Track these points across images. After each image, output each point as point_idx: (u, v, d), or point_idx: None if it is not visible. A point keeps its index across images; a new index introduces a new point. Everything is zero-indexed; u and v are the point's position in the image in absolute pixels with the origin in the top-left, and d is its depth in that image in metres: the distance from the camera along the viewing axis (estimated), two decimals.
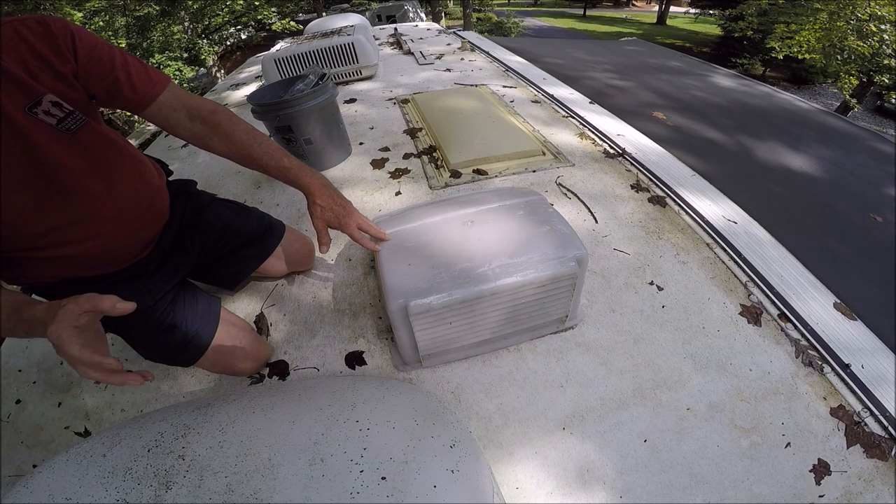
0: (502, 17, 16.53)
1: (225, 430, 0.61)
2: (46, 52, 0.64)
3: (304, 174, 0.86)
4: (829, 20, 6.78)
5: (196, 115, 0.81)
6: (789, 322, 1.09)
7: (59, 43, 0.65)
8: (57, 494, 0.54)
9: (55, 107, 0.65)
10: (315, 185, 0.86)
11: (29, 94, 0.62)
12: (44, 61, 0.64)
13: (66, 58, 0.66)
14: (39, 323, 0.58)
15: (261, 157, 0.84)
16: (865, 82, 7.84)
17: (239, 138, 0.83)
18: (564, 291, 0.94)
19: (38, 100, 0.63)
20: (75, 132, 0.67)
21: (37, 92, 0.63)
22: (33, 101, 0.62)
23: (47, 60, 0.64)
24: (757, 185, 2.00)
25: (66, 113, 0.66)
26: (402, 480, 0.54)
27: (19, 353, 1.22)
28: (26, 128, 0.62)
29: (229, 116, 0.84)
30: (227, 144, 0.83)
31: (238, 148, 0.83)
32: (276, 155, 0.85)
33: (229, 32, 9.77)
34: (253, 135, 0.85)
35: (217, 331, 0.92)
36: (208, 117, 0.81)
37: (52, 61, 0.65)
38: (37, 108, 0.63)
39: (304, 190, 0.86)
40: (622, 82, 3.27)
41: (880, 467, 0.84)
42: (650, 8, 26.89)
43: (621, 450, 0.88)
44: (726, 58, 12.62)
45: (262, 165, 0.84)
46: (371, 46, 2.77)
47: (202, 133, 0.82)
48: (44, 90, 0.63)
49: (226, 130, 0.82)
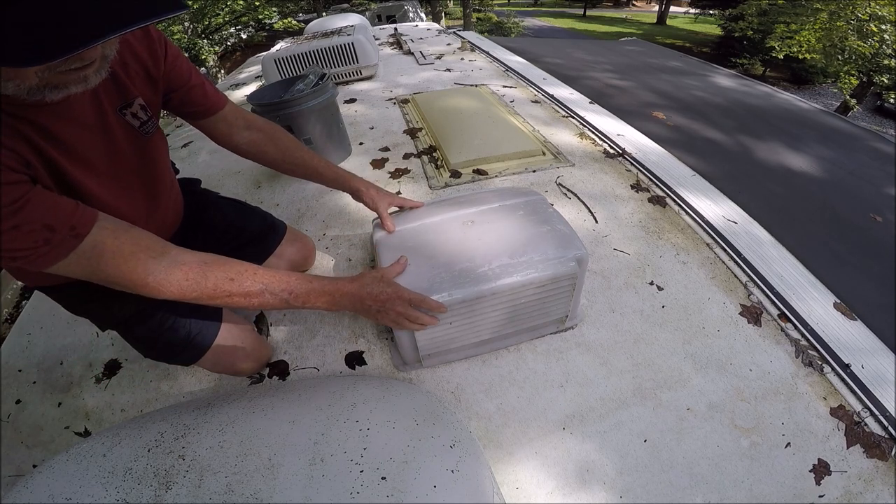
0: (502, 17, 16.54)
1: (225, 430, 0.61)
2: (145, 55, 0.68)
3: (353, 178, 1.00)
4: (830, 20, 6.78)
5: (252, 125, 0.90)
6: (789, 322, 1.09)
7: (156, 47, 0.70)
8: (57, 494, 0.54)
9: (142, 110, 0.69)
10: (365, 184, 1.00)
11: (124, 96, 0.66)
12: (141, 64, 0.68)
13: (159, 63, 0.71)
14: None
15: (313, 163, 0.96)
16: (865, 82, 7.84)
17: (290, 145, 0.94)
18: (564, 291, 0.94)
19: (130, 102, 0.67)
20: (150, 136, 0.72)
21: (131, 94, 0.67)
22: (126, 103, 0.66)
23: (144, 64, 0.68)
24: (757, 185, 2.01)
25: (149, 117, 0.70)
26: (402, 480, 0.54)
27: (19, 353, 1.22)
28: (114, 127, 0.65)
29: (280, 129, 0.95)
30: (281, 151, 0.93)
31: (291, 154, 0.94)
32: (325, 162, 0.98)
33: (229, 32, 9.76)
34: (300, 145, 0.96)
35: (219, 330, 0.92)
36: (264, 127, 0.92)
37: (148, 65, 0.69)
38: (126, 109, 0.67)
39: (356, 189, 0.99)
40: (622, 82, 3.27)
41: (880, 467, 0.84)
42: (650, 8, 26.89)
43: (621, 450, 0.88)
44: (726, 58, 12.62)
45: (316, 170, 0.96)
46: (371, 46, 2.77)
47: (258, 140, 0.91)
48: (136, 93, 0.68)
49: (280, 138, 0.93)
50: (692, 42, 16.96)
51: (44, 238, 0.49)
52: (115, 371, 1.12)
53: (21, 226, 0.47)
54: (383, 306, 0.77)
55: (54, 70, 0.47)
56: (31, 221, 0.48)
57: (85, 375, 1.13)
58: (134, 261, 0.56)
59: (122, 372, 1.12)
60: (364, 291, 0.76)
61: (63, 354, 1.19)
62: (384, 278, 0.79)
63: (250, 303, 0.67)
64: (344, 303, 0.75)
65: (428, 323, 0.82)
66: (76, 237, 0.51)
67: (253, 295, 0.66)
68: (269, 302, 0.68)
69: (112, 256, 0.55)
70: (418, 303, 0.79)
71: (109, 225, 0.56)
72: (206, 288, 0.62)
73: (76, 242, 0.51)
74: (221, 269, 0.64)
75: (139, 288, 0.58)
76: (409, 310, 0.78)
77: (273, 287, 0.67)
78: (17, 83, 0.46)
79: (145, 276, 0.57)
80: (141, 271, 0.57)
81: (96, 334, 1.21)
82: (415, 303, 0.79)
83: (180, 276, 0.60)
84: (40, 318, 1.30)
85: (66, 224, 0.51)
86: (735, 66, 11.75)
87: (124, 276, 0.56)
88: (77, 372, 1.14)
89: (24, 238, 0.48)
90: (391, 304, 0.77)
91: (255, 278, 0.66)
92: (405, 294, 0.78)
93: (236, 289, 0.64)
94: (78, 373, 1.13)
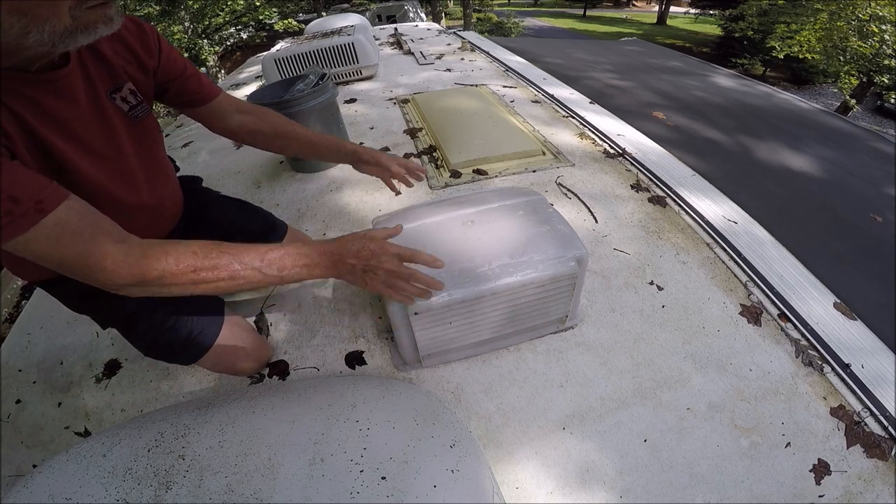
0: (502, 17, 16.53)
1: (225, 430, 0.61)
2: (137, 47, 0.72)
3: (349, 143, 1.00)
4: (830, 20, 6.78)
5: (244, 109, 0.94)
6: (789, 322, 1.09)
7: (150, 41, 0.74)
8: (57, 494, 0.54)
9: (131, 94, 0.71)
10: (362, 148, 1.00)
11: (114, 80, 0.68)
12: (133, 55, 0.72)
13: (153, 55, 0.74)
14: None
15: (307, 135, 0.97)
16: (865, 82, 7.84)
17: (281, 121, 0.96)
18: (564, 291, 0.94)
19: (120, 86, 0.69)
20: (140, 121, 0.73)
21: (120, 79, 0.69)
22: (115, 87, 0.68)
23: (136, 55, 0.72)
24: (757, 185, 2.01)
25: (138, 101, 0.72)
26: (402, 480, 0.54)
27: (19, 353, 1.22)
28: (107, 109, 0.67)
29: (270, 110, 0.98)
30: (273, 127, 0.95)
31: (283, 129, 0.96)
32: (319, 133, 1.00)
33: (229, 32, 9.77)
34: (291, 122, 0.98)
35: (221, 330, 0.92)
36: (254, 110, 0.95)
37: (141, 56, 0.72)
38: (116, 93, 0.69)
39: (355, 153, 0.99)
40: (622, 82, 3.27)
41: (880, 467, 0.84)
42: (650, 8, 26.89)
43: (621, 450, 0.88)
44: (726, 58, 12.62)
45: (311, 142, 0.98)
46: (371, 46, 2.77)
47: (250, 121, 0.93)
48: (126, 78, 0.70)
49: (271, 117, 0.96)
50: (692, 42, 16.96)
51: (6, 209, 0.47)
52: (115, 371, 1.12)
53: None
54: (368, 264, 0.67)
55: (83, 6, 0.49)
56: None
57: (85, 375, 1.13)
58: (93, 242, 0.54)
59: (122, 372, 1.12)
60: (344, 249, 0.67)
61: (63, 354, 1.19)
62: (368, 235, 0.70)
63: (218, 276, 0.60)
64: (322, 263, 0.66)
65: (427, 286, 0.72)
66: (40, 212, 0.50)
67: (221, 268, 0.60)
68: (239, 273, 0.60)
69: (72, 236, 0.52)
70: (409, 257, 0.69)
71: (77, 206, 0.54)
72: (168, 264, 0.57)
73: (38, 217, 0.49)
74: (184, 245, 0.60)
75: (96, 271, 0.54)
76: (400, 267, 0.68)
77: (242, 257, 0.61)
78: (53, 24, 0.48)
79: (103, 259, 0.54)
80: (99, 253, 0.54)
81: (96, 334, 1.21)
82: (405, 258, 0.69)
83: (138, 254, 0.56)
84: (40, 318, 1.30)
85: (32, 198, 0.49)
86: (735, 66, 11.75)
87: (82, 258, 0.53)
88: (77, 372, 1.14)
89: None
90: (377, 260, 0.67)
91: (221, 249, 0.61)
92: (393, 248, 0.68)
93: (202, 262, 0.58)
94: (78, 373, 1.14)
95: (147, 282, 0.57)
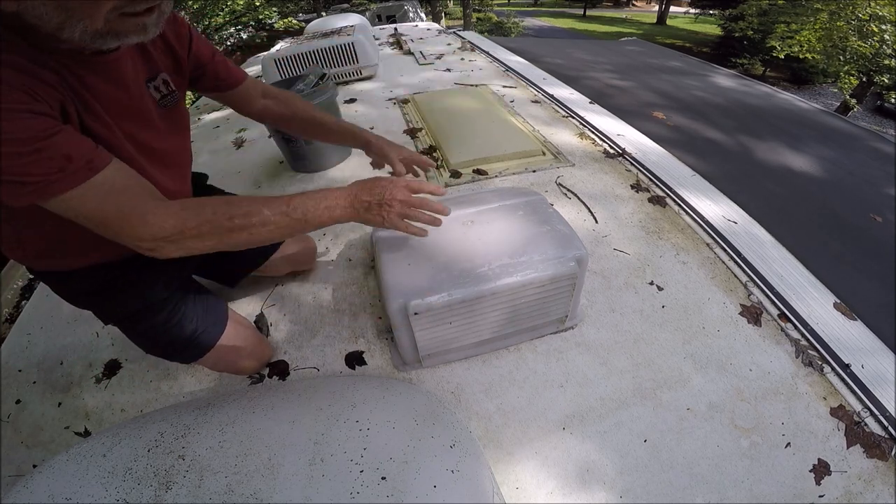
0: (502, 17, 16.54)
1: (225, 430, 0.61)
2: (171, 37, 0.74)
3: (364, 132, 1.03)
4: (830, 20, 6.79)
5: (269, 93, 0.99)
6: (789, 322, 1.09)
7: (182, 31, 0.76)
8: (57, 494, 0.54)
9: (164, 84, 0.73)
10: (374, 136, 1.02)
11: (151, 69, 0.71)
12: (167, 44, 0.74)
13: (184, 44, 0.77)
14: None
15: (324, 119, 1.02)
16: (865, 82, 7.84)
17: (302, 106, 1.02)
18: (564, 291, 0.94)
19: (156, 75, 0.72)
20: (170, 110, 0.75)
21: (157, 68, 0.72)
22: (152, 76, 0.71)
23: (169, 44, 0.74)
24: (757, 185, 2.01)
25: (170, 91, 0.75)
26: (402, 480, 0.54)
27: (19, 353, 1.22)
28: (146, 96, 0.69)
29: (293, 95, 1.04)
30: (292, 110, 1.01)
31: (303, 113, 1.01)
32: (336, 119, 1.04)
33: (229, 32, 9.76)
34: (312, 106, 1.04)
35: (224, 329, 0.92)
36: (278, 94, 1.00)
37: (174, 45, 0.75)
38: (151, 82, 0.71)
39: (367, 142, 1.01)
40: (622, 82, 3.27)
41: (880, 467, 0.84)
42: (650, 8, 26.89)
43: (621, 450, 0.88)
44: (726, 58, 12.62)
45: (325, 125, 1.03)
46: (371, 46, 2.77)
47: (273, 105, 0.99)
48: (162, 68, 0.73)
49: (292, 102, 1.01)
50: (692, 42, 16.96)
51: (59, 166, 0.51)
52: (115, 371, 1.12)
53: (43, 150, 0.49)
54: (382, 197, 0.74)
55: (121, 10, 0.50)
56: (54, 149, 0.50)
57: (85, 375, 1.13)
58: (137, 199, 0.58)
59: (122, 372, 1.12)
60: (359, 188, 0.75)
61: (63, 354, 1.19)
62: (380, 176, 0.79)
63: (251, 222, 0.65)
64: (341, 204, 0.73)
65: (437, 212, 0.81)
66: (91, 170, 0.53)
67: (253, 213, 0.65)
68: (270, 218, 0.66)
69: (118, 193, 0.56)
70: (417, 187, 0.78)
71: (122, 167, 0.58)
72: (205, 213, 0.62)
73: (90, 174, 0.53)
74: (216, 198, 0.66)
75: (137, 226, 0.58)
76: (411, 196, 0.76)
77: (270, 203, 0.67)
78: (86, 25, 0.49)
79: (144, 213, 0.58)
80: (141, 208, 0.58)
81: (96, 334, 1.21)
82: (413, 188, 0.78)
83: (177, 207, 0.61)
84: (40, 318, 1.30)
85: (84, 157, 0.53)
86: (735, 66, 11.75)
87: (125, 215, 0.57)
88: (77, 372, 1.14)
89: (43, 164, 0.49)
90: (391, 191, 0.74)
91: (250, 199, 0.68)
92: (401, 180, 0.77)
93: (235, 210, 0.64)
94: (78, 373, 1.13)
95: (185, 232, 0.61)
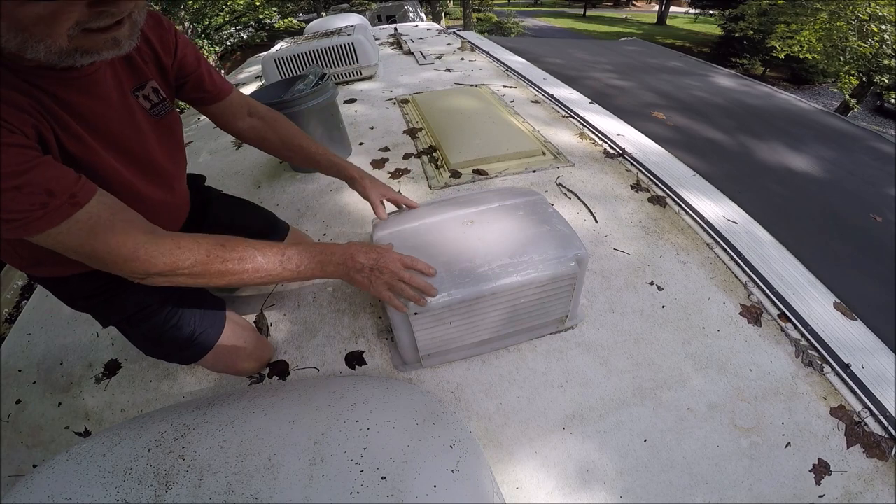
0: (502, 17, 16.53)
1: (225, 430, 0.61)
2: (156, 42, 0.71)
3: (349, 167, 1.00)
4: (830, 20, 6.78)
5: (255, 112, 0.94)
6: (789, 322, 1.09)
7: (167, 37, 0.73)
8: (57, 494, 0.54)
9: (154, 93, 0.71)
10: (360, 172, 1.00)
11: (138, 78, 0.69)
12: (152, 50, 0.71)
13: (169, 51, 0.74)
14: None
15: (311, 150, 0.97)
16: (865, 82, 7.84)
17: (290, 132, 0.97)
18: (564, 291, 0.94)
19: (143, 84, 0.69)
20: (162, 118, 0.73)
21: (144, 77, 0.70)
22: (139, 85, 0.69)
23: (155, 50, 0.71)
24: (757, 185, 2.01)
25: (161, 99, 0.73)
26: (402, 480, 0.54)
27: (19, 353, 1.22)
28: (133, 107, 0.67)
29: (281, 116, 0.98)
30: (281, 137, 0.96)
31: (290, 140, 0.96)
32: (324, 150, 0.99)
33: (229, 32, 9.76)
34: (301, 132, 0.99)
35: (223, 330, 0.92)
36: (266, 114, 0.95)
37: (159, 52, 0.72)
38: (139, 91, 0.69)
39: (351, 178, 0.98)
40: (622, 82, 3.27)
41: (880, 467, 0.84)
42: (650, 8, 26.88)
43: (621, 450, 0.88)
44: (726, 58, 12.62)
45: (312, 157, 0.98)
46: (371, 46, 2.77)
47: (259, 126, 0.94)
48: (150, 76, 0.71)
49: (280, 126, 0.96)
50: (692, 42, 16.95)
51: (41, 202, 0.48)
52: (115, 371, 1.12)
53: (23, 187, 0.47)
54: (377, 263, 0.75)
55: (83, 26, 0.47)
56: (34, 184, 0.48)
57: (85, 375, 1.13)
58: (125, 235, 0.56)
59: (122, 372, 1.12)
60: (354, 248, 0.75)
61: (63, 354, 1.19)
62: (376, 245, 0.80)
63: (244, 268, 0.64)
64: (335, 261, 0.73)
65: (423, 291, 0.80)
66: (74, 205, 0.51)
67: (247, 259, 0.64)
68: (263, 266, 0.66)
69: (105, 229, 0.54)
70: (410, 264, 0.80)
71: (107, 200, 0.56)
72: (199, 254, 0.60)
73: (73, 210, 0.51)
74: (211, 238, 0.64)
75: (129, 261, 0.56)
76: (402, 270, 0.77)
77: (265, 251, 0.67)
78: (48, 44, 0.47)
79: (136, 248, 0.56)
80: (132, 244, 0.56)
81: (96, 334, 1.21)
82: (406, 263, 0.79)
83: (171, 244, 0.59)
84: (40, 318, 1.30)
85: (66, 191, 0.50)
86: (735, 66, 11.75)
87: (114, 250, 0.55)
88: (77, 372, 1.14)
89: (23, 200, 0.47)
90: (384, 260, 0.76)
91: (247, 243, 0.66)
92: (396, 254, 0.79)
93: (230, 254, 0.63)
94: (78, 373, 1.14)
95: (177, 271, 0.59)
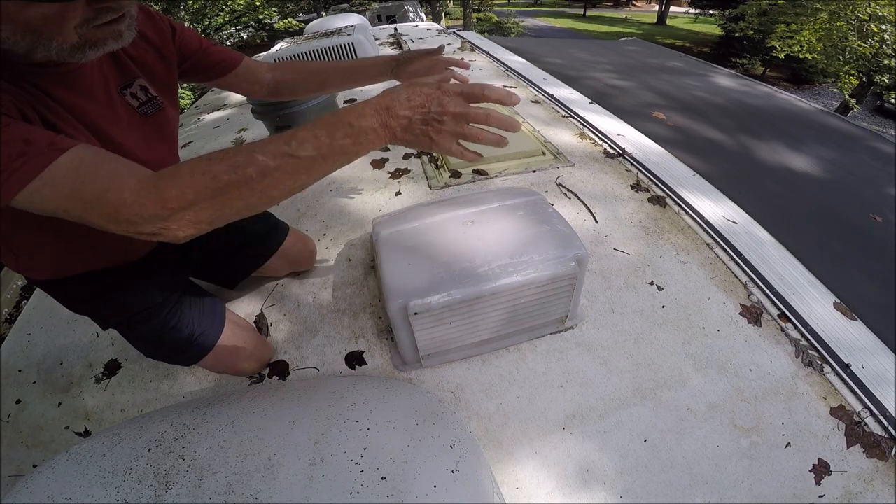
0: (502, 17, 16.53)
1: (225, 430, 0.61)
2: (152, 34, 0.71)
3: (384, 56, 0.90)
4: (830, 20, 6.78)
5: (273, 67, 0.93)
6: (789, 322, 1.09)
7: (162, 26, 0.73)
8: (57, 494, 0.54)
9: (141, 91, 0.70)
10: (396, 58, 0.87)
11: (125, 76, 0.68)
12: (148, 42, 0.71)
13: (165, 38, 0.74)
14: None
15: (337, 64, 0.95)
16: (865, 82, 7.84)
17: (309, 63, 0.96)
18: (564, 291, 0.94)
19: (131, 82, 0.68)
20: (150, 117, 0.72)
21: (132, 75, 0.68)
22: (126, 83, 0.68)
23: (154, 44, 0.71)
24: (757, 185, 2.01)
25: (149, 98, 0.71)
26: (402, 480, 0.54)
27: (19, 353, 1.22)
28: (118, 105, 0.67)
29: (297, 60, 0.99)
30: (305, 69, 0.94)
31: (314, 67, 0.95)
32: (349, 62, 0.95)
33: (229, 32, 9.76)
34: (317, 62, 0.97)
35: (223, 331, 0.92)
36: (283, 64, 0.94)
37: (158, 44, 0.72)
38: (126, 89, 0.68)
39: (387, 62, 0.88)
40: (622, 82, 3.27)
41: (880, 467, 0.84)
42: (650, 8, 26.88)
43: (621, 450, 0.88)
44: (726, 58, 12.62)
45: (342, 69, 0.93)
46: (371, 46, 2.77)
47: (281, 76, 0.93)
48: (137, 74, 0.69)
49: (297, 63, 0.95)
50: (692, 42, 16.95)
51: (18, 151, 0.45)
52: (115, 371, 1.12)
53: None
54: (428, 112, 0.51)
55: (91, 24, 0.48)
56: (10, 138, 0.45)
57: (85, 375, 1.13)
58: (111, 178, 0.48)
59: (122, 372, 1.12)
60: (392, 99, 0.51)
61: (63, 354, 1.19)
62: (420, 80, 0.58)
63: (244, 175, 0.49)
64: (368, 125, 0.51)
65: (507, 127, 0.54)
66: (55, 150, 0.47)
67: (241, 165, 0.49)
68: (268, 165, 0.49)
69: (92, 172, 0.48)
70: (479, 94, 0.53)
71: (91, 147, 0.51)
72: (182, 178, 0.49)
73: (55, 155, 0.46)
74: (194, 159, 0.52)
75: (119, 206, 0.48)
76: (470, 109, 0.52)
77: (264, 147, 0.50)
78: (60, 42, 0.47)
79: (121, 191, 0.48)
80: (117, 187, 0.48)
81: (96, 334, 1.21)
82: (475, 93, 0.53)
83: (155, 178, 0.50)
84: (40, 318, 1.30)
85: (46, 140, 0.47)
86: (735, 66, 11.75)
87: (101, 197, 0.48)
88: (77, 372, 1.14)
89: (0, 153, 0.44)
90: (439, 103, 0.51)
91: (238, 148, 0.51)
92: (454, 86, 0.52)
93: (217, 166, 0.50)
94: (78, 373, 1.13)
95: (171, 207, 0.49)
